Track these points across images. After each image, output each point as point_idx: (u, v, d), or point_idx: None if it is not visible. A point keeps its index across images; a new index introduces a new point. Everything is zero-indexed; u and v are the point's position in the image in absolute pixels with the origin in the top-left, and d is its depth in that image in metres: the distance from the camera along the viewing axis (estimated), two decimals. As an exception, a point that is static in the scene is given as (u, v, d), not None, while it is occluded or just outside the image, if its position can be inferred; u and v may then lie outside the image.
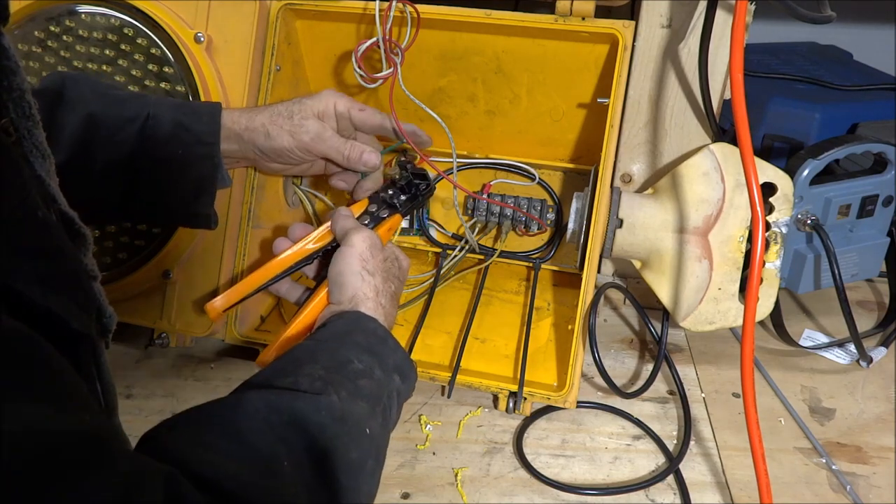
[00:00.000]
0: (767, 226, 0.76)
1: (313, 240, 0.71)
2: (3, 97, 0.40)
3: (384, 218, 0.72)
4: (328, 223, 0.70)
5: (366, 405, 0.52)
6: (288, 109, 0.72)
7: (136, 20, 0.76)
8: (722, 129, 0.81)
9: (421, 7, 0.74)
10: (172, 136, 0.68)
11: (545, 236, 0.90)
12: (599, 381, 0.77)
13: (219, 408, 0.46)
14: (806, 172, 0.77)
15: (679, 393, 0.78)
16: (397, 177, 0.74)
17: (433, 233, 0.91)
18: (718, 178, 0.75)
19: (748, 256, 0.75)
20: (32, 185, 0.40)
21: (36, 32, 0.77)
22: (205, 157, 0.69)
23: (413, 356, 0.78)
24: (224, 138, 0.70)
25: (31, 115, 0.42)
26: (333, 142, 0.72)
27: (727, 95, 0.80)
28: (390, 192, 0.74)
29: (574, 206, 0.78)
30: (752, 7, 0.72)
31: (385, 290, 0.64)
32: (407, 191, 0.75)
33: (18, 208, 0.37)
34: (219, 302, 0.70)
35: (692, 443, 0.73)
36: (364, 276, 0.63)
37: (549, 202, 0.89)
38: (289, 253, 0.70)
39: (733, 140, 0.67)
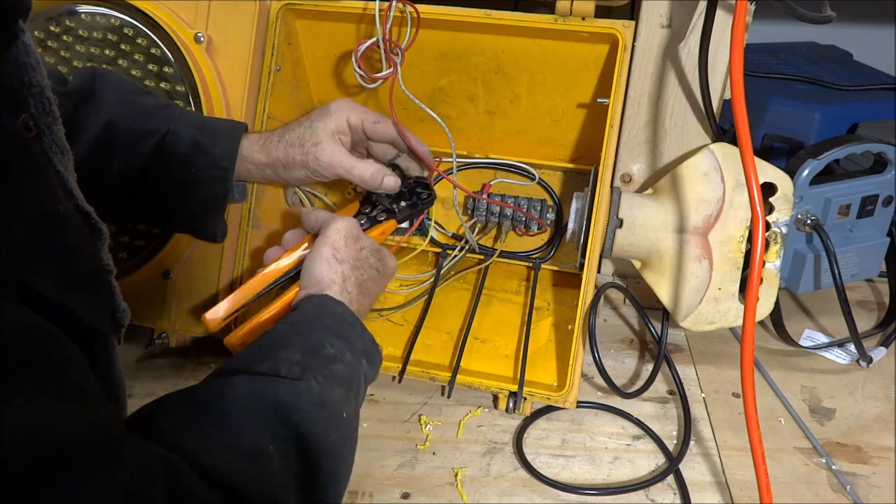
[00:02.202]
0: (767, 226, 0.76)
1: (305, 246, 0.71)
2: (24, 93, 0.41)
3: (380, 221, 0.73)
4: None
5: (341, 390, 0.53)
6: (299, 137, 0.72)
7: (136, 20, 0.76)
8: (722, 129, 0.81)
9: (421, 7, 0.74)
10: (188, 156, 0.69)
11: (545, 236, 0.90)
12: (599, 381, 0.77)
13: (206, 393, 0.47)
14: (806, 172, 0.77)
15: (679, 393, 0.78)
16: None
17: (433, 233, 0.91)
18: (718, 178, 0.75)
19: (748, 256, 0.75)
20: (53, 181, 0.41)
21: (36, 32, 0.77)
22: (216, 180, 0.70)
23: (413, 356, 0.78)
24: (243, 167, 0.72)
25: (52, 111, 0.42)
26: (346, 163, 0.72)
27: (727, 95, 0.80)
28: (391, 197, 0.74)
29: (574, 206, 0.78)
30: (752, 7, 0.72)
31: (353, 278, 0.64)
32: (408, 198, 0.75)
33: (37, 206, 0.38)
34: (220, 312, 0.70)
35: (692, 443, 0.73)
36: (332, 263, 0.63)
37: (549, 202, 0.89)
38: (281, 263, 0.70)
39: (733, 140, 0.67)
